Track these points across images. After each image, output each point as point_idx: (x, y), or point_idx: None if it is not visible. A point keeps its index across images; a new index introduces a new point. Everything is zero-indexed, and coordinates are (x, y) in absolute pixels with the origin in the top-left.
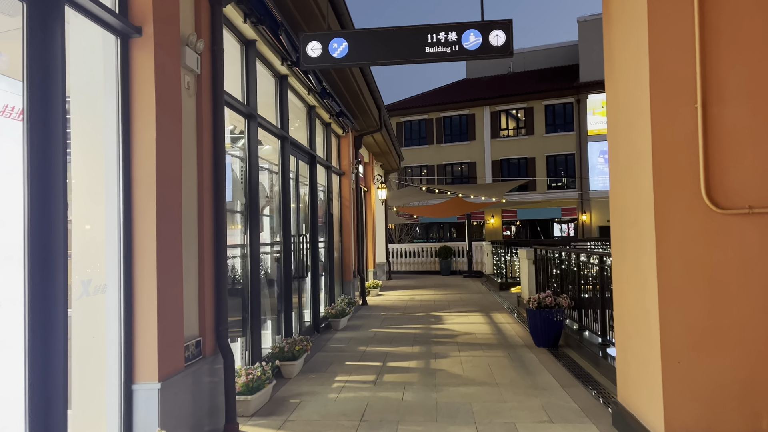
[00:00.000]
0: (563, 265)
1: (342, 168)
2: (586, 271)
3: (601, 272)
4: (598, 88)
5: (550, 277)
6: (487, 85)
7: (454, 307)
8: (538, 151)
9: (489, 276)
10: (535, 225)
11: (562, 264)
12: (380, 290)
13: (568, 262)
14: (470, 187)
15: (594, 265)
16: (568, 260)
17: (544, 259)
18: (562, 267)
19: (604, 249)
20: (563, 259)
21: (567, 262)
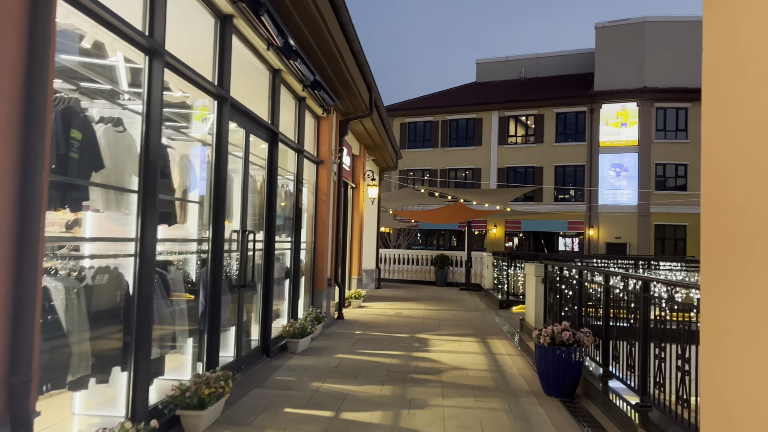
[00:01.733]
0: (583, 288)
1: (320, 155)
2: (621, 301)
3: (644, 305)
4: (613, 98)
5: (563, 301)
6: (496, 89)
7: (445, 328)
8: (546, 160)
9: (488, 290)
10: (539, 237)
11: (581, 286)
12: (363, 301)
13: (589, 285)
14: (473, 193)
15: (634, 294)
16: (590, 282)
17: (557, 278)
18: (582, 290)
19: (627, 269)
20: (584, 280)
21: (589, 285)
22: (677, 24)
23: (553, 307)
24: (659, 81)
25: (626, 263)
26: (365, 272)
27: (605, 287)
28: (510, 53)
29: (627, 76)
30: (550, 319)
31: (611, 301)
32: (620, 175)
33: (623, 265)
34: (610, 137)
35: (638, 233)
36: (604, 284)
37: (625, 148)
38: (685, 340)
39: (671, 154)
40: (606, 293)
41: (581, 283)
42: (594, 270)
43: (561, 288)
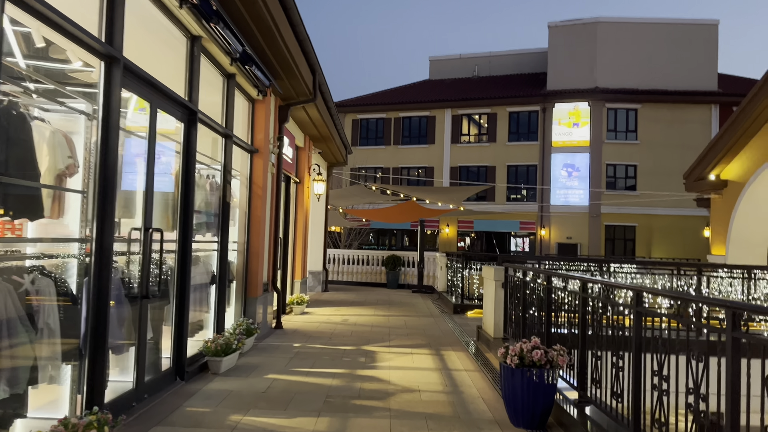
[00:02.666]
0: (551, 296)
1: (255, 143)
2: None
3: (636, 321)
4: (565, 98)
5: (527, 309)
6: (449, 87)
7: (395, 338)
8: (499, 159)
9: (442, 293)
10: (491, 238)
11: (550, 294)
12: (307, 307)
13: (560, 294)
14: (426, 191)
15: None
16: (562, 290)
17: (520, 284)
18: (550, 298)
19: (593, 273)
20: (555, 287)
21: (559, 293)
22: (629, 25)
23: (515, 316)
24: (610, 81)
25: (589, 265)
26: (311, 274)
27: (583, 297)
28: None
29: (579, 75)
30: (511, 328)
31: (589, 314)
32: (572, 175)
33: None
34: (563, 137)
35: (589, 233)
36: (582, 293)
37: (577, 148)
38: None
39: (622, 155)
40: (584, 304)
41: (549, 290)
42: (568, 276)
43: (525, 295)
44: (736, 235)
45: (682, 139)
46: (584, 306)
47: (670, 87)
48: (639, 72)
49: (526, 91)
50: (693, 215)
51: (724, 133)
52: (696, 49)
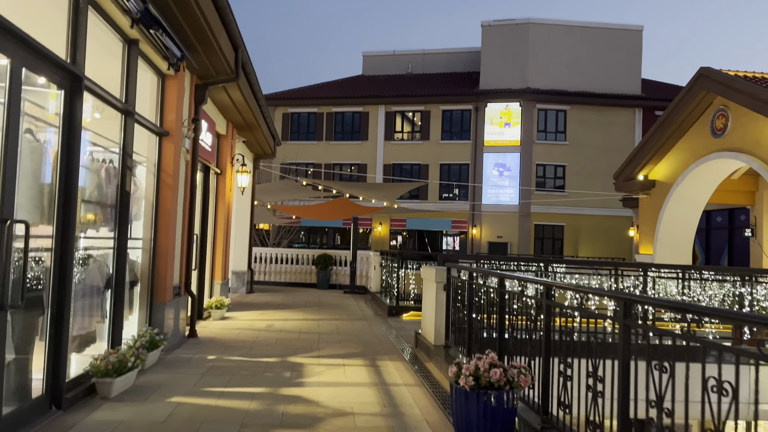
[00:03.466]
0: (506, 302)
1: (166, 125)
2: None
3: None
4: (498, 98)
5: (475, 314)
6: (383, 83)
7: (325, 346)
8: (432, 158)
9: (375, 294)
10: (423, 236)
11: (503, 299)
12: (228, 311)
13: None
14: (360, 187)
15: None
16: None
17: (465, 286)
18: (504, 304)
19: (536, 273)
20: (510, 292)
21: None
22: (559, 28)
23: (459, 321)
24: (541, 82)
25: (530, 265)
26: (235, 275)
27: (546, 305)
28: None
29: (511, 76)
30: (453, 334)
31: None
32: (503, 174)
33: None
34: (494, 137)
35: (519, 232)
36: (546, 300)
37: (508, 148)
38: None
39: (551, 156)
40: (547, 312)
41: (503, 294)
42: (527, 280)
43: (471, 298)
44: (664, 235)
45: (607, 141)
46: (549, 315)
47: (597, 90)
48: (568, 74)
49: (460, 90)
50: (618, 215)
51: (653, 134)
52: (621, 53)
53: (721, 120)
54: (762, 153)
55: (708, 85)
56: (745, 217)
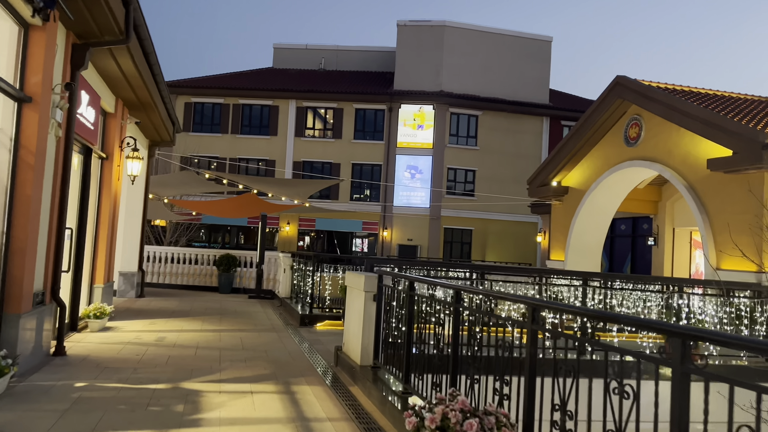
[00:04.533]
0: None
1: (28, 88)
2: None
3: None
4: (412, 99)
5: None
6: (294, 78)
7: (229, 366)
8: (344, 157)
9: (285, 300)
10: (332, 237)
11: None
12: (110, 320)
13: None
14: (269, 183)
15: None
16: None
17: (403, 298)
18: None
19: (466, 281)
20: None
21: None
22: (474, 33)
23: (394, 339)
24: (455, 86)
25: (459, 271)
26: (122, 276)
27: (532, 330)
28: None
29: (426, 78)
30: (385, 353)
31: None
32: (415, 177)
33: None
34: (407, 138)
35: (429, 236)
36: (531, 323)
37: (421, 150)
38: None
39: (462, 160)
40: (533, 340)
41: (458, 311)
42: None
43: (412, 312)
44: (576, 242)
45: (516, 148)
46: (534, 343)
47: (507, 97)
48: (481, 80)
49: (374, 89)
50: (525, 221)
51: (568, 141)
52: (532, 62)
53: (634, 129)
54: (674, 163)
55: (623, 93)
56: (647, 226)
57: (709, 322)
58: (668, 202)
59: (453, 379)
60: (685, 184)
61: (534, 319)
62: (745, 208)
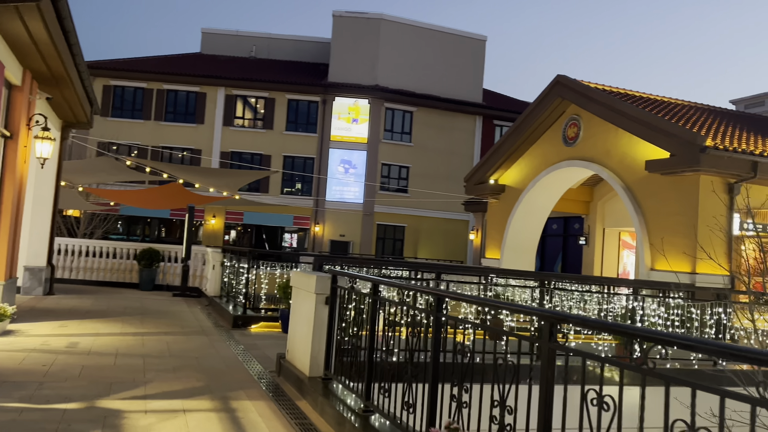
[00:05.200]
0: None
1: None
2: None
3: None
4: (346, 92)
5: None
6: (223, 64)
7: (155, 378)
8: (275, 148)
9: (214, 299)
10: (261, 232)
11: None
12: (12, 323)
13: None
14: (196, 172)
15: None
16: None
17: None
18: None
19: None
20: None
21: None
22: (410, 28)
23: (353, 347)
24: (390, 81)
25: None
26: (28, 271)
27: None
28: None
29: (361, 71)
30: (340, 363)
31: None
32: (348, 171)
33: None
34: (341, 132)
35: (362, 232)
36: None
37: (355, 144)
38: None
39: (396, 156)
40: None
41: (441, 322)
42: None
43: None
44: (512, 240)
45: (449, 145)
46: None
47: (442, 94)
48: (416, 76)
49: (308, 80)
50: (457, 219)
51: (507, 139)
52: (466, 61)
53: (573, 129)
54: (612, 163)
55: (563, 92)
56: (578, 226)
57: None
58: (599, 203)
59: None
60: (622, 185)
61: (552, 335)
62: (681, 209)
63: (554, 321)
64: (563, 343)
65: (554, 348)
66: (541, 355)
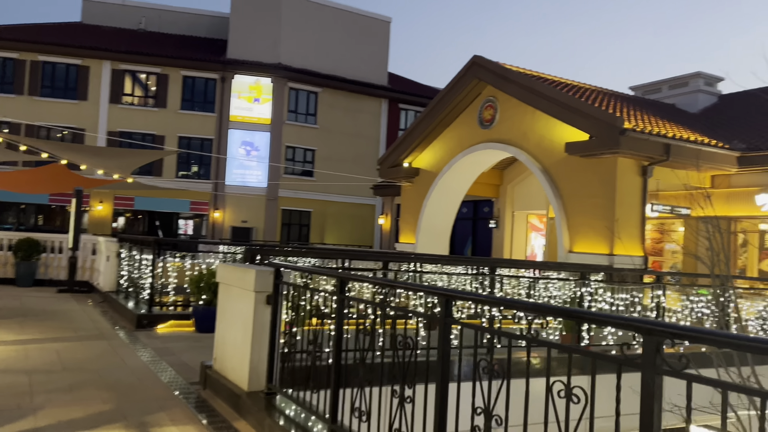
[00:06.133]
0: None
1: None
2: None
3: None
4: (247, 70)
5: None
6: (109, 36)
7: (45, 404)
8: (169, 129)
9: (109, 295)
10: (154, 218)
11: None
12: None
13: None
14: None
15: None
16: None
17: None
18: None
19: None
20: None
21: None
22: (315, 5)
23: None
24: (294, 60)
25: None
26: None
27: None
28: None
29: (263, 48)
30: (287, 373)
31: None
32: (250, 154)
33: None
34: (243, 112)
35: (266, 217)
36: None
37: (258, 125)
38: None
39: (301, 138)
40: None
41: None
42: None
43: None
44: (427, 224)
45: (356, 128)
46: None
47: (347, 75)
48: (321, 55)
49: (204, 56)
50: (364, 203)
51: (421, 121)
52: (371, 42)
53: (489, 111)
54: (529, 146)
55: (480, 73)
56: (488, 209)
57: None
58: (509, 186)
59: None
60: (540, 168)
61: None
62: (599, 191)
63: (449, 297)
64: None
65: (450, 323)
66: (440, 330)
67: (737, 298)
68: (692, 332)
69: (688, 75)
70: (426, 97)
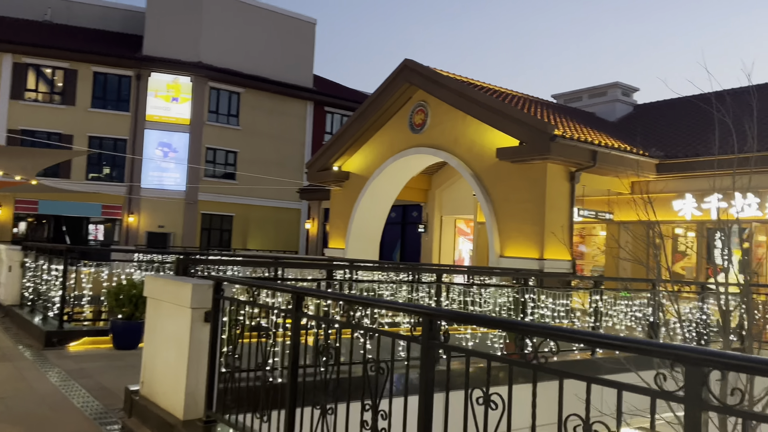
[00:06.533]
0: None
1: None
2: None
3: None
4: (165, 67)
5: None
6: (11, 27)
7: None
8: (78, 128)
9: (12, 309)
10: (61, 223)
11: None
12: None
13: None
14: None
15: None
16: None
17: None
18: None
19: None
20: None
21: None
22: (237, 3)
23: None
24: (215, 59)
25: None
26: None
27: None
28: None
29: (182, 46)
30: (229, 397)
31: None
32: (168, 155)
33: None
34: (159, 111)
35: (184, 222)
36: None
37: (176, 126)
38: None
39: (223, 140)
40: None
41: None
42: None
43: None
44: (357, 229)
45: (280, 130)
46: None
47: (271, 76)
48: (243, 55)
49: (118, 51)
50: (290, 208)
51: (351, 124)
52: (295, 43)
53: (420, 115)
54: (460, 151)
55: (411, 77)
56: (417, 214)
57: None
58: (437, 191)
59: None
60: (471, 173)
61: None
62: (529, 197)
63: (433, 317)
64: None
65: (434, 345)
66: (422, 352)
67: (676, 300)
68: (737, 360)
69: (607, 85)
70: (353, 101)
